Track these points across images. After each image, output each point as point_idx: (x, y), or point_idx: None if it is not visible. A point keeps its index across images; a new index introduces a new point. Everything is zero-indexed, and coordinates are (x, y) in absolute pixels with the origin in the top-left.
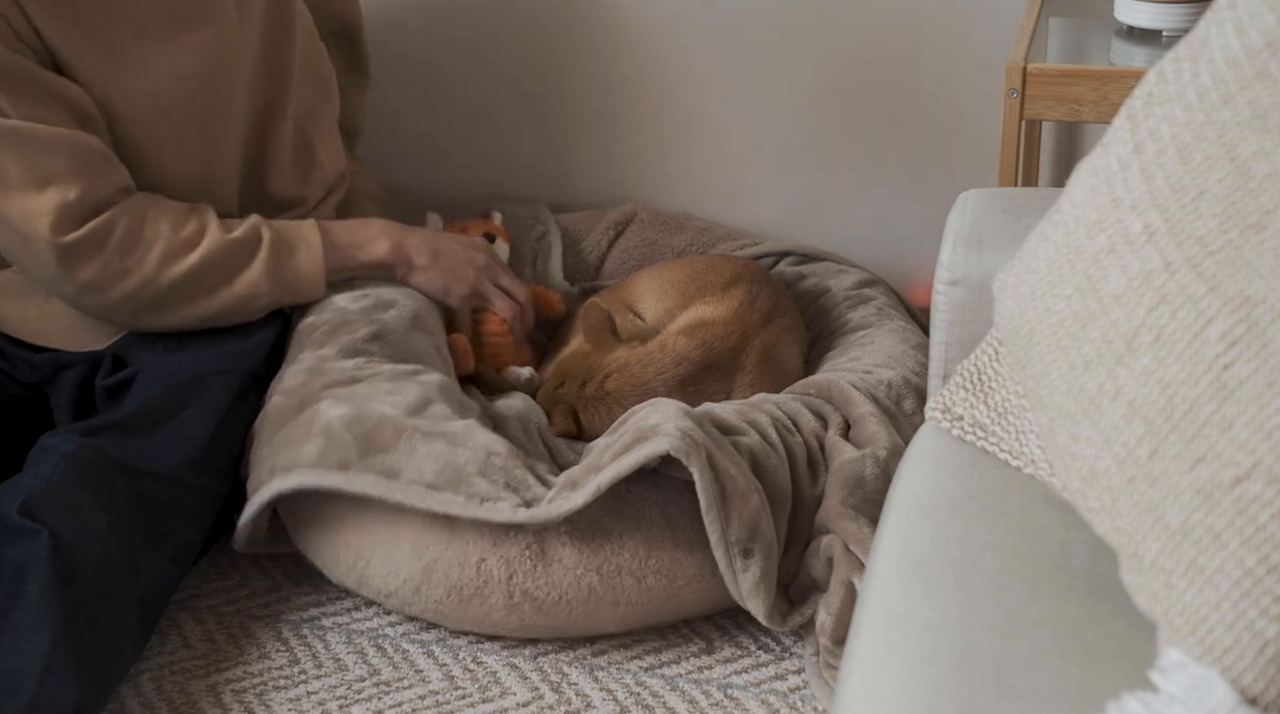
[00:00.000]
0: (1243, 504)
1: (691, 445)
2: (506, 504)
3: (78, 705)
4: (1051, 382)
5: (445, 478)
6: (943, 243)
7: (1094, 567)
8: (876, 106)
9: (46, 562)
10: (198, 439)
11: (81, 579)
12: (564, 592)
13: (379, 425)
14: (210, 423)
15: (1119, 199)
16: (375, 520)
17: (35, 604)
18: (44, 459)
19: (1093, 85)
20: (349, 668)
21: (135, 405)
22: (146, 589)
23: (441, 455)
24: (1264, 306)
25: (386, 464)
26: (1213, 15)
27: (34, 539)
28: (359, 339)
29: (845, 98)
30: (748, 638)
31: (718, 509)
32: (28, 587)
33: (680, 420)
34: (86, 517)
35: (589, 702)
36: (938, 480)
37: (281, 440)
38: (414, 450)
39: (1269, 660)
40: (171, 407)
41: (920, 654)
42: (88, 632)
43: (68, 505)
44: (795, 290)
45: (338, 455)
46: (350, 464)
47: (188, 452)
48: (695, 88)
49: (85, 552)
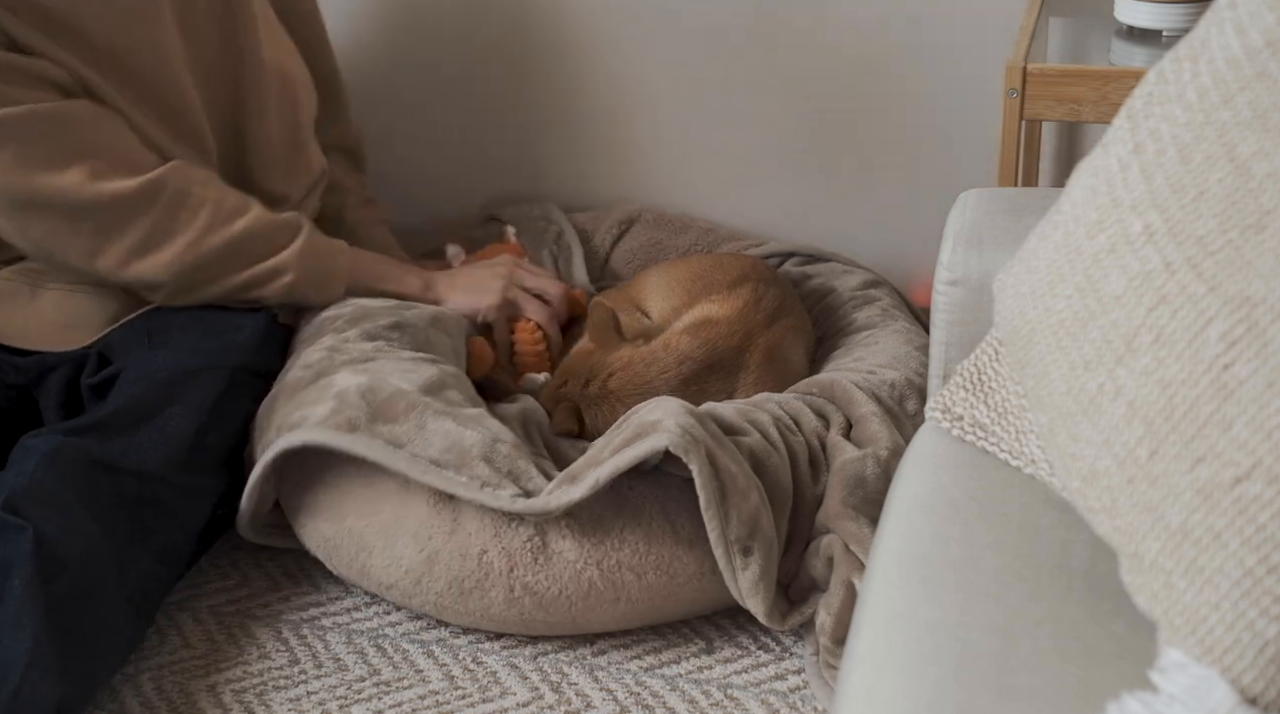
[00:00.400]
0: (1243, 504)
1: (691, 442)
2: (506, 492)
3: (60, 702)
4: (1051, 382)
5: (450, 457)
6: (943, 243)
7: (1094, 567)
8: (877, 106)
9: (30, 557)
10: (182, 437)
11: (65, 576)
12: (564, 586)
13: (392, 397)
14: (195, 420)
15: (1119, 199)
16: (378, 510)
17: (18, 599)
18: (26, 457)
19: (1093, 85)
20: (349, 668)
21: (118, 403)
22: (134, 588)
23: (449, 434)
24: (1264, 306)
25: (394, 434)
26: (1213, 15)
27: (18, 535)
28: (380, 327)
29: (845, 98)
30: (748, 638)
31: (717, 506)
32: (11, 582)
33: (681, 417)
34: (70, 514)
35: (589, 702)
36: (938, 480)
37: (294, 405)
38: (423, 426)
39: (1269, 660)
40: (155, 404)
41: (920, 654)
42: (72, 628)
43: (51, 502)
44: (801, 290)
45: (347, 416)
46: (358, 426)
47: (171, 450)
48: (696, 88)
49: (69, 548)
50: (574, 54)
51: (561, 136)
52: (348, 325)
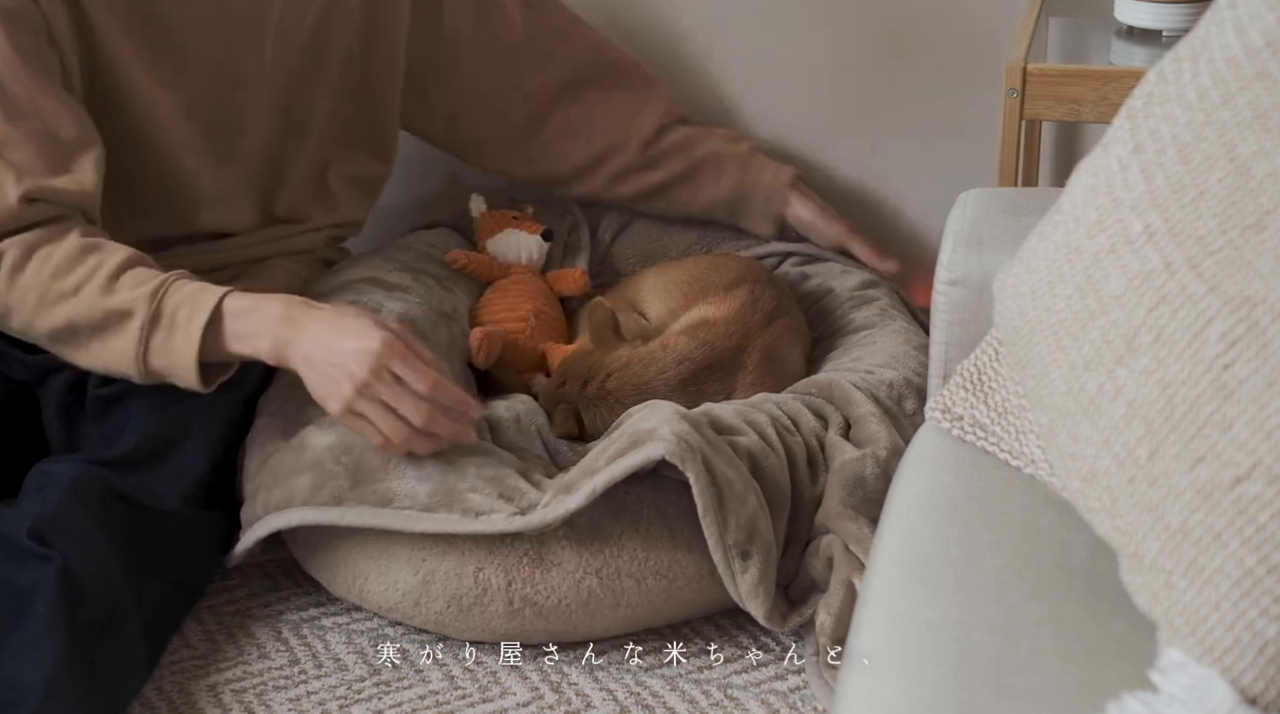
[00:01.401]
0: (1243, 504)
1: (688, 450)
2: (501, 515)
3: None
4: (1051, 382)
5: (438, 498)
6: (943, 243)
7: (1094, 567)
8: (876, 106)
9: (55, 586)
10: (198, 475)
11: (86, 605)
12: (563, 595)
13: (366, 452)
14: (209, 457)
15: (1119, 199)
16: (370, 537)
17: (41, 627)
18: (51, 484)
19: (1093, 85)
20: (349, 668)
21: (135, 440)
22: (150, 616)
23: (432, 476)
24: (1264, 306)
25: (379, 492)
26: (1213, 15)
27: (43, 564)
28: None
29: (845, 97)
30: (747, 638)
31: (715, 512)
32: (34, 609)
33: (676, 424)
34: (92, 543)
35: (589, 702)
36: (938, 480)
37: (271, 473)
38: (404, 475)
39: (1269, 660)
40: (170, 438)
41: (920, 654)
42: (93, 657)
43: (76, 531)
44: (799, 290)
45: (330, 489)
46: (343, 497)
47: (186, 488)
48: (695, 88)
49: (91, 577)
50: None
51: None
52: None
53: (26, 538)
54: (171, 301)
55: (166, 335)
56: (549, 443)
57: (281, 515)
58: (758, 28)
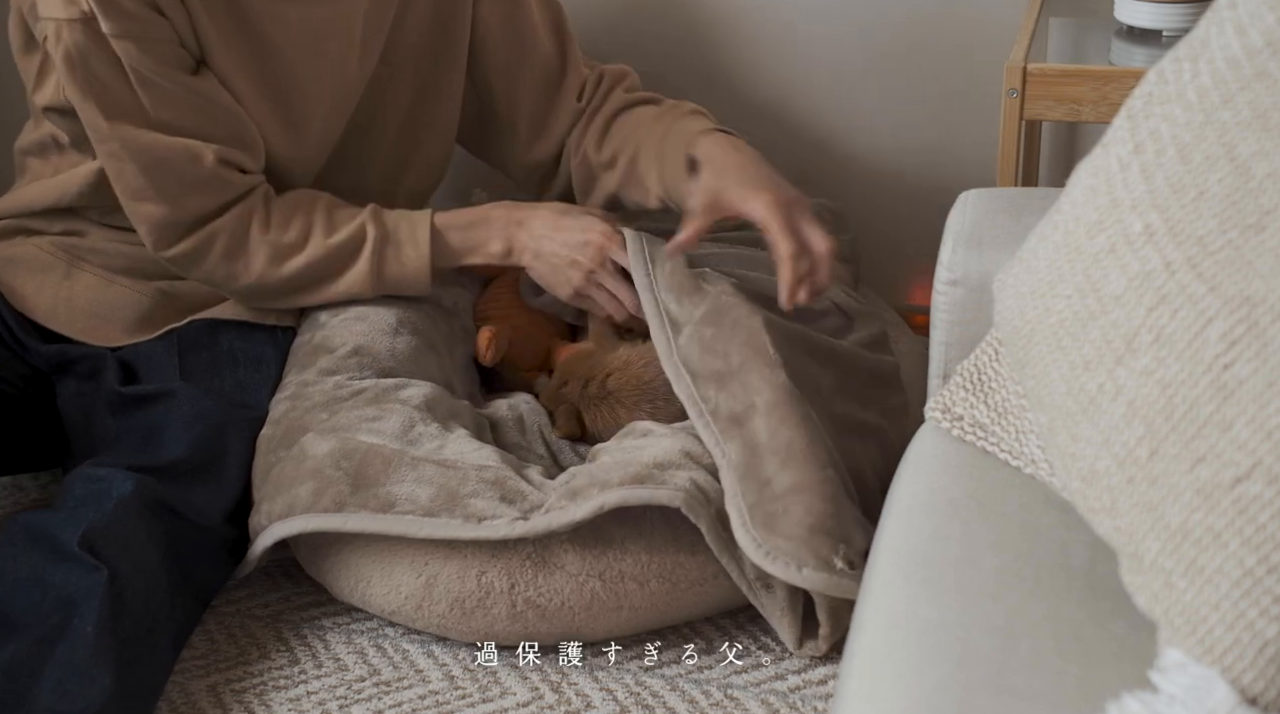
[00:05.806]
0: (1243, 504)
1: (701, 503)
2: (504, 519)
3: None
4: (1051, 382)
5: (440, 502)
6: (943, 243)
7: (1094, 567)
8: (875, 106)
9: (101, 597)
10: (235, 491)
11: (128, 617)
12: (566, 598)
13: (367, 456)
14: (244, 472)
15: (1119, 199)
16: (372, 541)
17: (91, 644)
18: (105, 493)
19: (1093, 85)
20: (349, 668)
21: (183, 450)
22: (178, 627)
23: (434, 480)
24: (1264, 306)
25: (380, 497)
26: (1213, 15)
27: (91, 574)
28: (338, 358)
29: (844, 98)
30: (747, 638)
31: (730, 554)
32: (81, 624)
33: (694, 471)
34: (140, 556)
35: (589, 702)
36: (938, 480)
37: (274, 482)
38: (404, 479)
39: (1269, 660)
40: (213, 449)
41: (920, 654)
42: (134, 672)
43: (126, 543)
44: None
45: (332, 495)
46: (345, 502)
47: (225, 504)
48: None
49: (134, 590)
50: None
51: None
52: (309, 357)
53: (77, 546)
54: (389, 222)
55: (395, 250)
56: (551, 442)
57: (285, 524)
58: (757, 28)
